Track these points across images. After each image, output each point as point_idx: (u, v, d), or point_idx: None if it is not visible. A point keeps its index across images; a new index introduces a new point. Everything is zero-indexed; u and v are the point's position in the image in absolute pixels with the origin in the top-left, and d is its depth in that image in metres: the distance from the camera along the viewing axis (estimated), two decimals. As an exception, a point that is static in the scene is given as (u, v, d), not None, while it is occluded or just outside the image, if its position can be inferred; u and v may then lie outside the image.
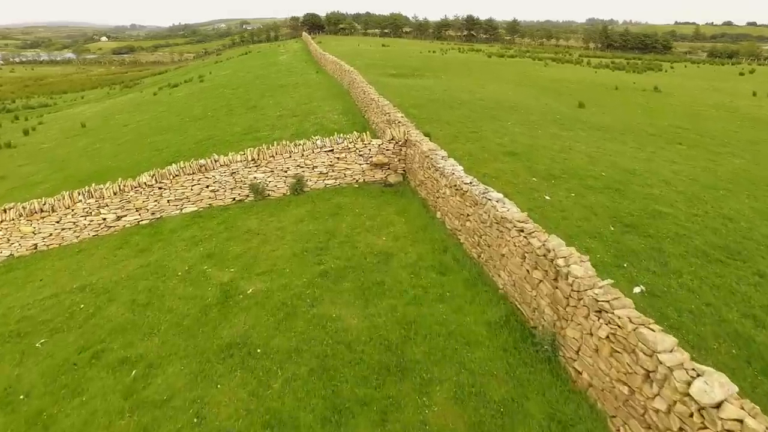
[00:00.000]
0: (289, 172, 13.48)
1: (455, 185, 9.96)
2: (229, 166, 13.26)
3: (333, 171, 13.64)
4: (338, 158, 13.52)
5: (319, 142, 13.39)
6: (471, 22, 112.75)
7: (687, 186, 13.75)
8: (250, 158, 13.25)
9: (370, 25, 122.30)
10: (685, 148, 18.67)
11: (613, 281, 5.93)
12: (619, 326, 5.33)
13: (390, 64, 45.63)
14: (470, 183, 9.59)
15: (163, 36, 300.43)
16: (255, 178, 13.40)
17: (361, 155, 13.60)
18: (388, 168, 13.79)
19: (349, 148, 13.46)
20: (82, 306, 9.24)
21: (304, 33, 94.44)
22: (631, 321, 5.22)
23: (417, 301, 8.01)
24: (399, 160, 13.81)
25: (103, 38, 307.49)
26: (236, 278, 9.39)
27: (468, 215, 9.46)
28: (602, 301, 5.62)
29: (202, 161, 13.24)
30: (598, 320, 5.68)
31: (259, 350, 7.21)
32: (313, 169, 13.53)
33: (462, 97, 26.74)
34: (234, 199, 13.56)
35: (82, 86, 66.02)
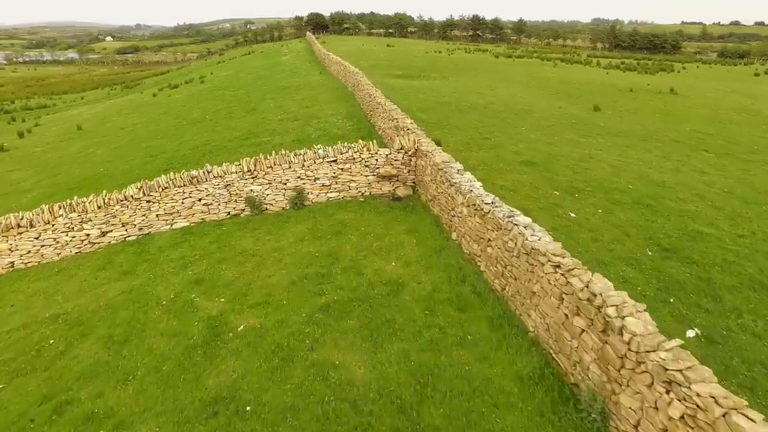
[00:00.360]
0: (288, 185, 12.37)
1: (474, 204, 8.82)
2: (223, 177, 12.16)
3: (336, 183, 12.53)
4: (342, 169, 12.41)
5: (321, 152, 12.28)
6: (477, 22, 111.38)
7: (724, 200, 12.55)
8: (246, 169, 12.15)
9: (374, 25, 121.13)
10: (714, 156, 17.43)
11: (682, 342, 4.78)
12: (699, 407, 4.18)
13: (395, 65, 44.51)
14: (492, 203, 8.45)
15: (167, 36, 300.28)
16: (251, 190, 12.31)
17: (367, 166, 12.48)
18: (397, 180, 12.66)
19: (354, 159, 12.34)
20: (51, 341, 8.16)
21: (308, 33, 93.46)
22: (717, 402, 4.07)
23: (434, 345, 6.88)
24: (408, 172, 12.68)
25: (108, 38, 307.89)
26: (226, 311, 8.28)
27: (489, 240, 8.32)
28: (673, 370, 4.47)
29: (194, 172, 12.15)
30: (668, 393, 4.53)
31: (248, 407, 6.09)
32: (314, 181, 12.42)
33: (471, 99, 25.58)
34: (229, 213, 12.47)
35: (83, 86, 65.23)
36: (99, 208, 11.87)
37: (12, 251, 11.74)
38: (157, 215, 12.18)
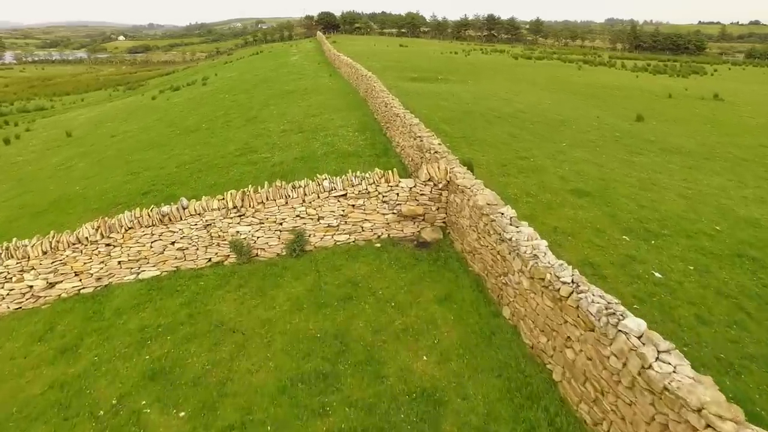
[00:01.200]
0: (284, 225, 9.75)
1: (542, 279, 6.12)
2: (202, 215, 9.56)
3: (346, 223, 9.88)
4: (353, 206, 9.75)
5: (326, 184, 9.62)
6: (492, 22, 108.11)
7: None
8: (230, 205, 9.54)
9: (386, 25, 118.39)
10: (800, 182, 14.51)
11: None
12: None
13: (409, 66, 41.80)
14: (573, 283, 5.73)
15: (179, 35, 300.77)
16: (238, 232, 9.70)
17: (385, 202, 9.81)
18: (423, 220, 9.97)
19: (369, 193, 9.68)
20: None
21: (318, 32, 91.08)
22: None
23: None
24: (438, 209, 9.99)
25: (120, 37, 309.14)
26: (184, 439, 5.66)
27: (570, 339, 5.62)
28: None
29: (166, 209, 9.56)
30: None
31: None
32: (318, 220, 9.78)
33: (497, 107, 22.80)
34: (210, 260, 9.88)
35: (87, 87, 63.40)
36: (45, 253, 9.34)
37: (-67, 308, 9.26)
38: (119, 262, 9.61)
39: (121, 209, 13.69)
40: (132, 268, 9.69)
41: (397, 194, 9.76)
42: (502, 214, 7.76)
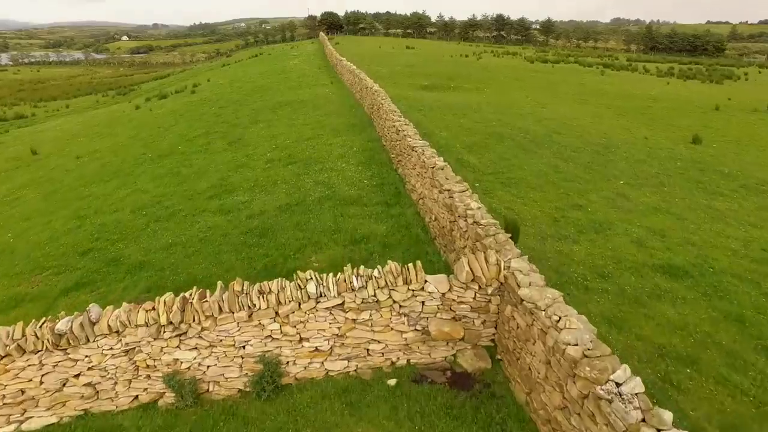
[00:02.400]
0: (249, 349, 6.31)
1: None
2: (121, 335, 6.13)
3: (343, 345, 6.42)
4: (355, 320, 6.29)
5: (312, 288, 6.13)
6: (501, 22, 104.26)
7: None
8: (164, 320, 6.09)
9: (391, 25, 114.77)
10: None
11: None
12: None
13: (419, 72, 38.34)
14: None
15: (182, 35, 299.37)
16: (177, 360, 6.28)
17: (403, 314, 6.34)
18: (461, 340, 6.49)
19: (379, 302, 6.20)
20: None
21: (321, 33, 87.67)
22: None
23: None
24: (484, 323, 6.50)
25: (124, 37, 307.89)
26: None
27: None
28: None
29: (63, 324, 6.09)
30: None
31: None
32: (300, 342, 6.34)
33: (527, 126, 19.29)
34: (136, 397, 6.47)
35: (77, 91, 60.16)
36: None
37: None
38: (-8, 405, 6.21)
39: (47, 277, 10.35)
40: (11, 415, 6.28)
41: (423, 303, 6.29)
42: (618, 388, 4.27)
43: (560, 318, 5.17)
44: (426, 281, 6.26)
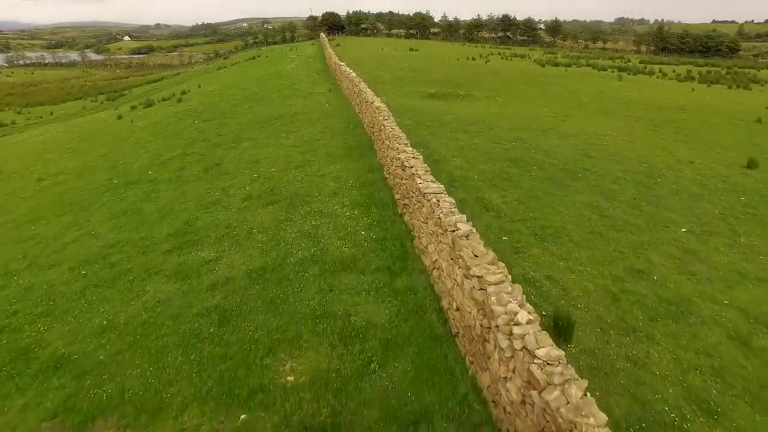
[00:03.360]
0: None
1: None
2: None
3: None
4: None
5: None
6: (507, 23, 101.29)
7: None
8: None
9: (394, 25, 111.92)
10: None
11: None
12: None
13: (424, 77, 35.67)
14: None
15: (184, 35, 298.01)
16: None
17: None
18: None
19: None
20: None
21: (321, 34, 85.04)
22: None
23: None
24: None
25: (126, 38, 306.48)
26: None
27: None
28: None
29: None
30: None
31: None
32: None
33: (554, 148, 16.63)
34: None
35: (66, 96, 57.70)
36: None
37: None
38: None
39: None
40: None
41: None
42: None
43: None
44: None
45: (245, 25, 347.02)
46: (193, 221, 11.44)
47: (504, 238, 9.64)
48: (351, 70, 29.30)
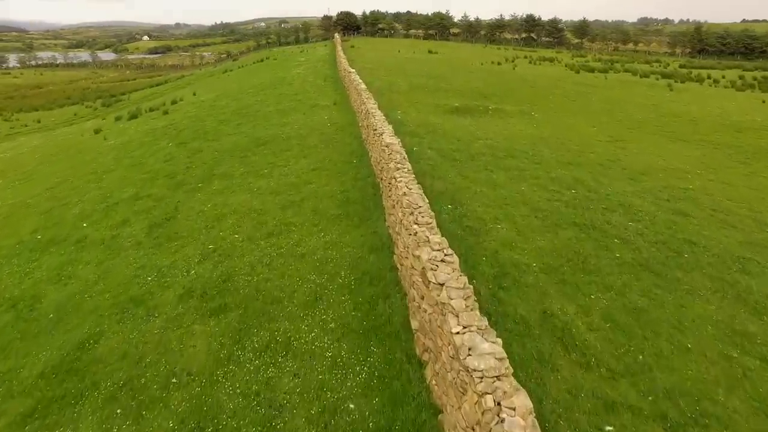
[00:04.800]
0: None
1: None
2: None
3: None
4: None
5: None
6: (531, 23, 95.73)
7: None
8: None
9: (412, 26, 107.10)
10: None
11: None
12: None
13: (446, 85, 31.16)
14: None
15: (202, 35, 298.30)
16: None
17: None
18: None
19: None
20: None
21: (335, 35, 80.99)
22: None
23: None
24: None
25: (145, 37, 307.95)
26: None
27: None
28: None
29: None
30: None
31: None
32: None
33: (624, 197, 12.09)
34: None
35: (65, 100, 54.53)
36: None
37: None
38: None
39: None
40: None
41: None
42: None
43: None
44: None
45: (263, 24, 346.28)
46: (87, 348, 7.20)
47: (608, 429, 5.20)
48: (361, 80, 24.98)
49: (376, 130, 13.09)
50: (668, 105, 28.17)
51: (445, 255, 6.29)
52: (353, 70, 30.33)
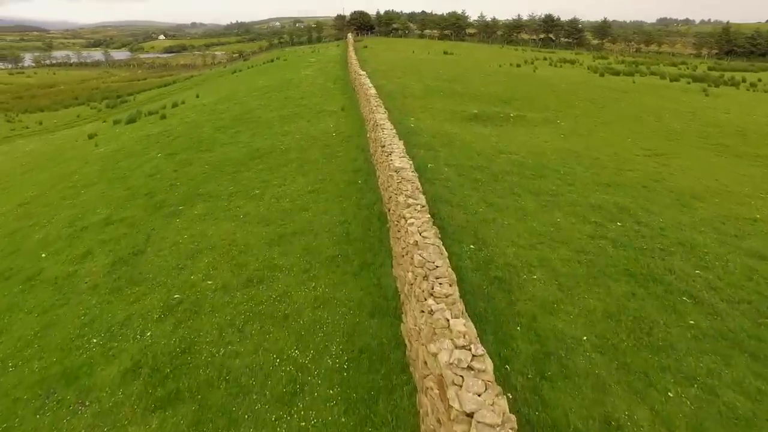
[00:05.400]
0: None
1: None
2: None
3: None
4: None
5: None
6: (550, 24, 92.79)
7: None
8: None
9: (427, 26, 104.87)
10: None
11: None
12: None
13: (463, 89, 29.13)
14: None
15: (217, 34, 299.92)
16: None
17: None
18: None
19: None
20: None
21: (348, 35, 79.28)
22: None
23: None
24: None
25: (161, 36, 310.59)
26: None
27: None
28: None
29: None
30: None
31: None
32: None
33: (692, 241, 9.94)
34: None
35: (73, 100, 53.58)
36: None
37: None
38: None
39: None
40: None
41: None
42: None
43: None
44: None
45: (278, 24, 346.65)
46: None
47: None
48: (371, 84, 23.09)
49: (384, 147, 11.15)
50: (707, 112, 25.76)
51: (474, 356, 4.33)
52: (363, 72, 28.44)
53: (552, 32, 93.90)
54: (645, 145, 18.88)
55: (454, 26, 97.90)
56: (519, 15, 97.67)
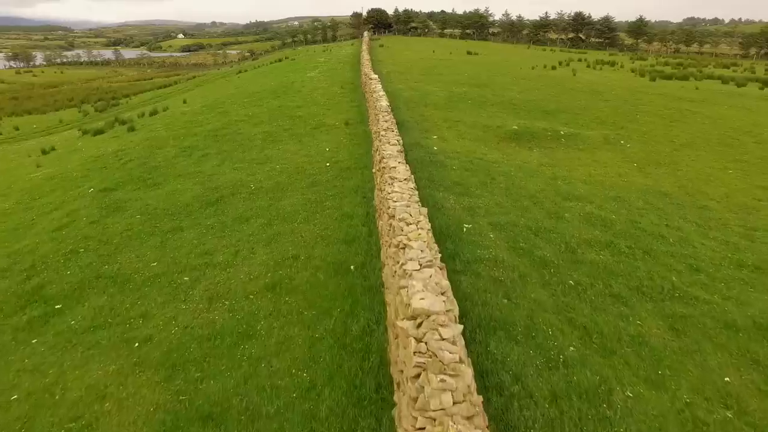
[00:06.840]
0: None
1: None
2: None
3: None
4: None
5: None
6: (580, 22, 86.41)
7: None
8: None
9: (447, 24, 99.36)
10: None
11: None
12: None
13: (494, 97, 24.05)
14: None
15: (236, 33, 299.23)
16: None
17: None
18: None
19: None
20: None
21: (365, 33, 74.61)
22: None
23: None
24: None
25: (180, 35, 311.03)
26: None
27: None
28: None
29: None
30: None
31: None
32: None
33: None
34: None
35: (68, 101, 49.96)
36: None
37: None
38: None
39: None
40: None
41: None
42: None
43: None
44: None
45: (296, 23, 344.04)
46: None
47: None
48: (383, 92, 18.23)
49: (394, 217, 6.21)
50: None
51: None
52: (375, 76, 23.56)
53: (582, 31, 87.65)
54: (759, 180, 13.63)
55: (476, 25, 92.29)
56: (547, 13, 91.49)
